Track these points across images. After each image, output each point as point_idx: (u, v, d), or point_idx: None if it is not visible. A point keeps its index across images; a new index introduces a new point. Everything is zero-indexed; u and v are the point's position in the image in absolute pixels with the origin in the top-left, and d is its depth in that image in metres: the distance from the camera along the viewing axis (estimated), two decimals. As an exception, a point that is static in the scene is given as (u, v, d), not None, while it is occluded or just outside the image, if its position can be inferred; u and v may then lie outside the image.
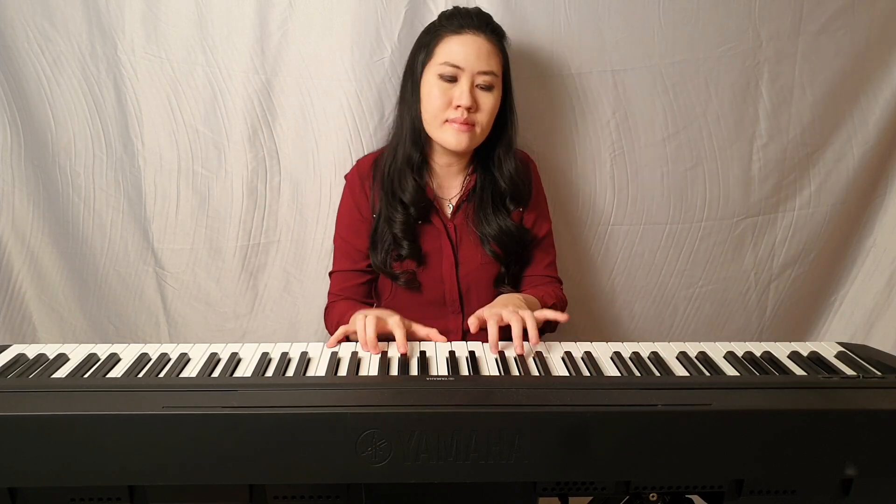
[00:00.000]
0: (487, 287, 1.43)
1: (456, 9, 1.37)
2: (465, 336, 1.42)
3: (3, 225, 1.61)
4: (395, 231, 1.36)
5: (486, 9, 1.46)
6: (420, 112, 1.35)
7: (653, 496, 0.93)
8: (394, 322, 1.15)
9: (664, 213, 1.69)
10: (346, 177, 1.47)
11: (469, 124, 1.30)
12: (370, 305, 1.48)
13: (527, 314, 1.14)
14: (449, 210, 1.42)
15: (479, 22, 1.32)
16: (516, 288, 1.46)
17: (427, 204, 1.39)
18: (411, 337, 1.19)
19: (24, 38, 1.48)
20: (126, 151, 1.57)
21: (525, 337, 1.12)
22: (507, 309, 1.17)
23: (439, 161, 1.41)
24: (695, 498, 0.95)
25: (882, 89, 1.64)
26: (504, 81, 1.36)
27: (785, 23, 1.57)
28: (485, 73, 1.29)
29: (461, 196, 1.41)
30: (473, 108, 1.30)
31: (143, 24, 1.48)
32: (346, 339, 1.20)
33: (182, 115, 1.54)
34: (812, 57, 1.60)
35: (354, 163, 1.53)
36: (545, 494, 0.90)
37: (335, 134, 1.56)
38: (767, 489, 0.89)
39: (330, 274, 1.48)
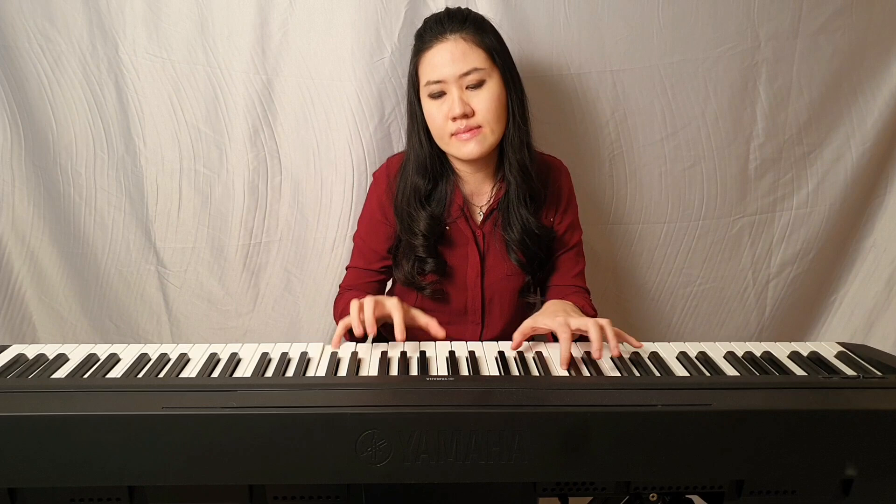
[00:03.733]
0: (511, 298, 1.39)
1: (426, 22, 1.28)
2: None
3: (3, 225, 1.61)
4: (419, 254, 1.33)
5: (485, 9, 1.46)
6: (423, 139, 1.30)
7: (653, 496, 0.93)
8: (392, 304, 1.13)
9: (662, 212, 1.70)
10: (374, 174, 1.42)
11: (473, 129, 1.23)
12: None
13: (605, 322, 1.10)
14: (479, 217, 1.36)
15: (447, 24, 1.22)
16: (542, 297, 1.41)
17: (442, 229, 1.34)
18: (410, 323, 1.17)
19: (24, 39, 1.48)
20: (128, 151, 1.57)
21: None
22: (573, 318, 1.12)
23: (464, 169, 1.34)
24: (695, 498, 0.95)
25: (880, 89, 1.64)
26: (502, 69, 1.25)
27: (783, 23, 1.57)
28: (466, 73, 1.20)
29: (491, 204, 1.35)
30: (469, 112, 1.22)
31: (144, 24, 1.48)
32: (350, 335, 1.16)
33: (184, 114, 1.54)
34: (810, 57, 1.60)
35: (355, 161, 1.52)
36: (545, 494, 0.90)
37: (335, 133, 1.57)
38: (767, 489, 0.89)
39: (347, 267, 1.45)
